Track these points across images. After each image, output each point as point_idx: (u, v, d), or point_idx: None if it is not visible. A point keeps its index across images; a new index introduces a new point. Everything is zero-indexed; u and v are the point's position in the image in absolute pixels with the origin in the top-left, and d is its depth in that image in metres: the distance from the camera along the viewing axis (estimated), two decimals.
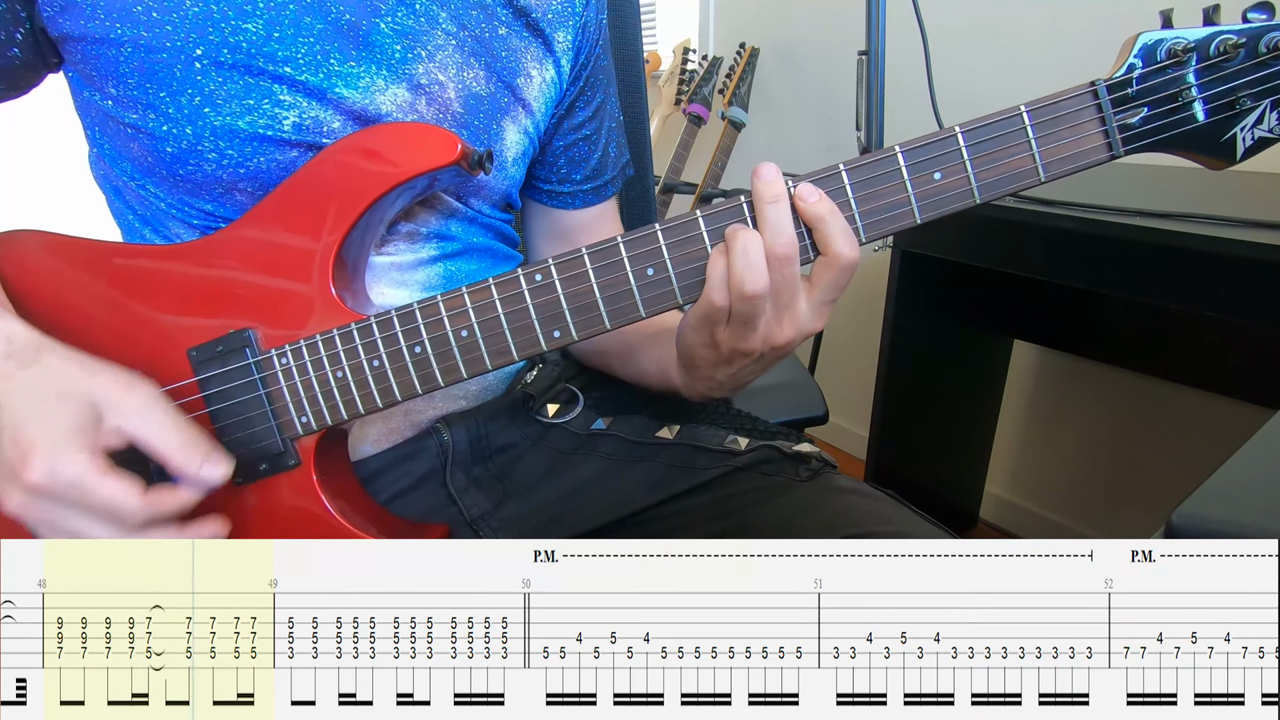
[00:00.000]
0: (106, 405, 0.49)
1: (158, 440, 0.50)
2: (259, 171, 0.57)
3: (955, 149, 0.49)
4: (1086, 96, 0.48)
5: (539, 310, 0.53)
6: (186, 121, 0.55)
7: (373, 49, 0.58)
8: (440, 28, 0.61)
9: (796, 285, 0.50)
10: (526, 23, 0.66)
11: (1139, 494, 1.60)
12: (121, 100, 0.56)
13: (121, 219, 0.65)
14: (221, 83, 0.55)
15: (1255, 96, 0.46)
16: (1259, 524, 0.40)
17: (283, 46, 0.55)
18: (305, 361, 0.55)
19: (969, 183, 0.49)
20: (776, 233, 0.48)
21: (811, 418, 0.93)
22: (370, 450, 0.65)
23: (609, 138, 0.76)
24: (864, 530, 0.58)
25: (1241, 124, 0.47)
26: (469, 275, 0.67)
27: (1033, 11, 1.55)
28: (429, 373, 0.55)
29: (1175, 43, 0.46)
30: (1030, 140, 0.48)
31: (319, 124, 0.57)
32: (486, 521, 0.66)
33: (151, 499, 0.49)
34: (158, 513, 0.49)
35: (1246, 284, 0.90)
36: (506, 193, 0.68)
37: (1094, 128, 0.48)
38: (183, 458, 0.50)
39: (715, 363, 0.55)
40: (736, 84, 2.08)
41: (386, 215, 0.60)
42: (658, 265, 0.52)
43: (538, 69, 0.67)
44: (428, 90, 0.60)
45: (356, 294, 0.59)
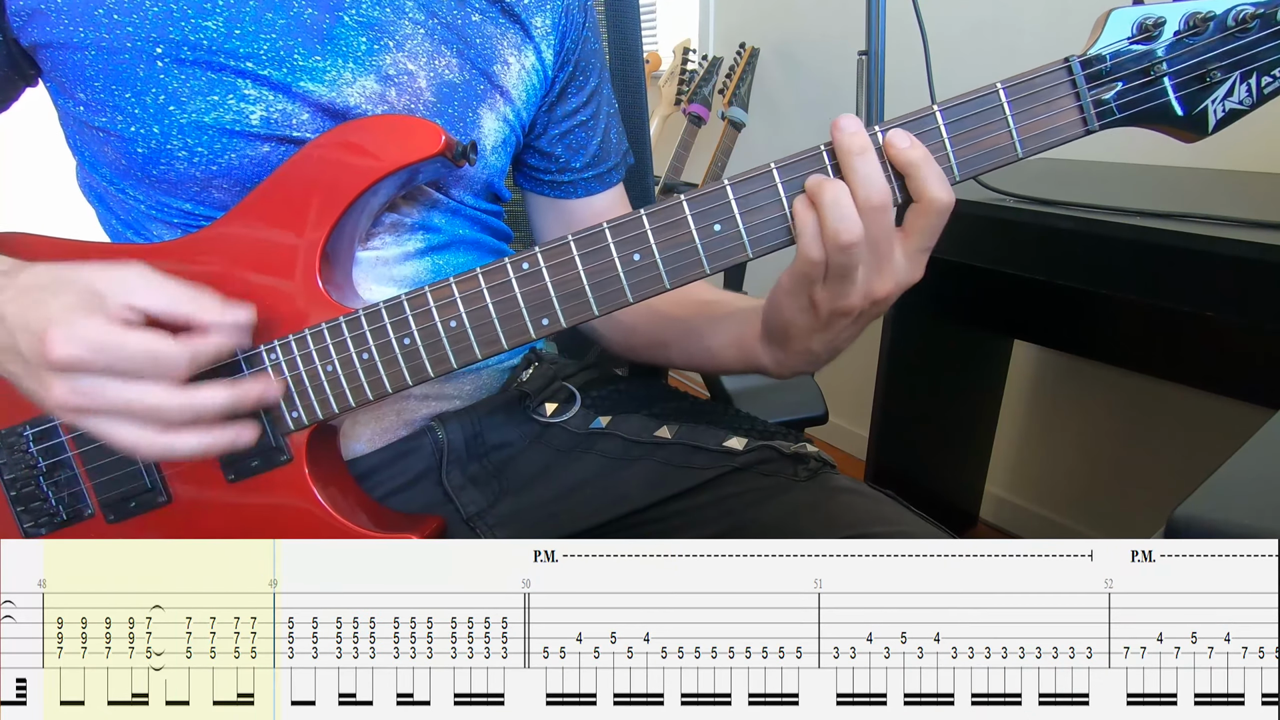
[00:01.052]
0: (106, 285, 0.47)
1: (169, 301, 0.48)
2: (231, 167, 0.57)
3: (934, 127, 0.49)
4: (1061, 73, 0.48)
5: (526, 299, 0.53)
6: (153, 120, 0.55)
7: (336, 42, 0.58)
8: (407, 17, 0.60)
9: (893, 234, 0.49)
10: (502, 8, 0.65)
11: (1139, 494, 1.60)
12: (90, 105, 0.56)
13: (107, 226, 0.65)
14: (184, 80, 0.55)
15: (1225, 69, 0.47)
16: (1259, 524, 0.40)
17: (244, 43, 0.55)
18: (295, 356, 0.55)
19: (949, 160, 0.49)
20: (869, 183, 0.47)
21: (811, 418, 0.93)
22: (364, 449, 0.65)
23: (608, 123, 0.75)
24: (863, 530, 0.57)
25: (1212, 96, 0.47)
26: (457, 269, 0.66)
27: (1032, 11, 1.55)
28: (419, 364, 0.55)
29: (1146, 18, 0.46)
30: (1008, 117, 0.48)
31: (287, 117, 0.57)
32: (483, 519, 0.66)
33: (185, 341, 0.47)
34: (199, 352, 0.48)
35: (1246, 284, 0.90)
36: (489, 182, 0.68)
37: (1069, 103, 0.48)
38: (201, 308, 0.49)
39: (813, 329, 0.53)
40: (736, 84, 2.08)
41: (371, 209, 0.60)
42: (644, 251, 0.51)
43: (515, 55, 0.66)
44: (397, 81, 0.60)
45: (343, 288, 0.59)
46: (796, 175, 0.50)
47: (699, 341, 0.68)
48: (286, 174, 0.56)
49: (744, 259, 0.51)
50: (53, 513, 0.59)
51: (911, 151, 0.48)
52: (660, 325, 0.71)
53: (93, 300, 0.46)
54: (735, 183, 0.50)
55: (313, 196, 0.55)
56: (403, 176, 0.57)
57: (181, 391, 0.48)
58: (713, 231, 0.51)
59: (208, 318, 0.49)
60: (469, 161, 0.58)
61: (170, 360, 0.47)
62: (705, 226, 0.51)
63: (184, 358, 0.47)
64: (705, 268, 0.51)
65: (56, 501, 0.59)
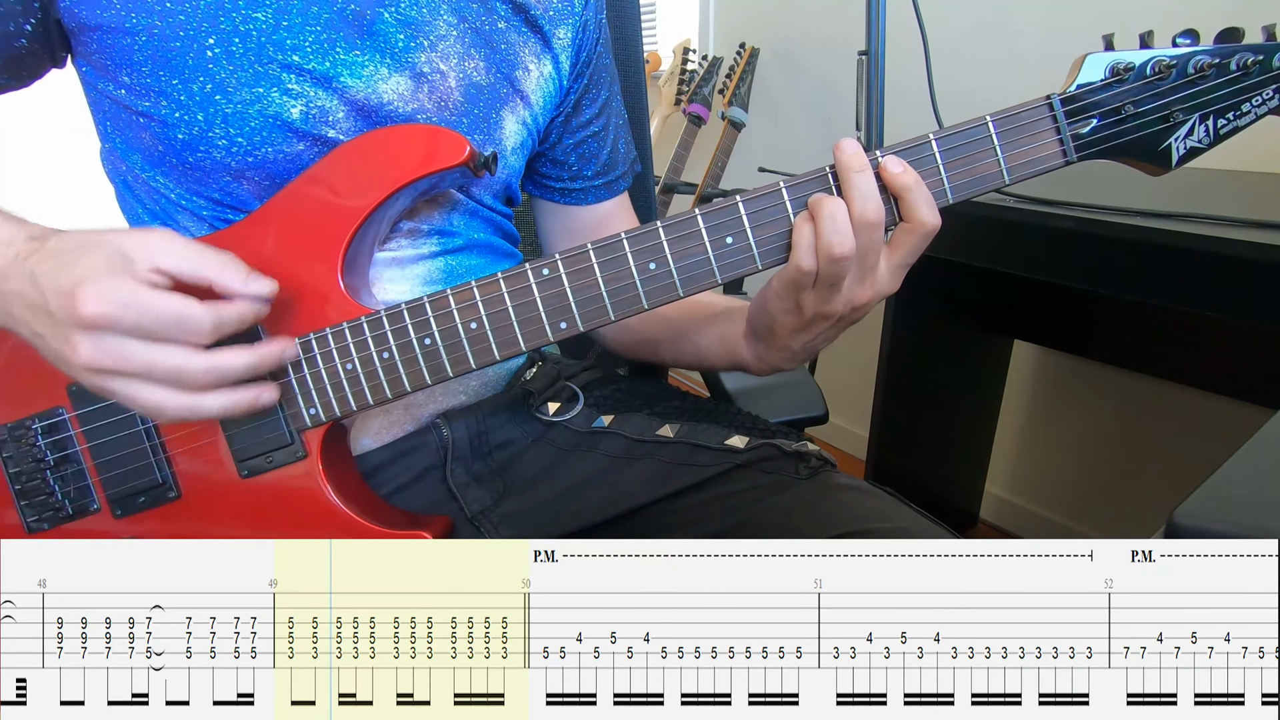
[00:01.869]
0: (133, 249, 0.48)
1: (196, 264, 0.49)
2: (266, 161, 0.58)
3: (930, 154, 0.53)
4: (1043, 109, 0.53)
5: (546, 303, 0.55)
6: (198, 108, 0.56)
7: (377, 38, 0.60)
8: (442, 18, 0.63)
9: (880, 249, 0.53)
10: (525, 19, 0.68)
11: (1139, 494, 1.60)
12: (134, 88, 0.57)
13: (130, 213, 0.66)
14: (232, 71, 0.56)
15: (1186, 111, 0.52)
16: (1259, 524, 0.40)
17: (291, 35, 0.57)
18: (315, 354, 0.56)
19: (942, 184, 0.53)
20: (866, 199, 0.51)
21: (811, 417, 0.93)
22: (371, 444, 0.66)
23: (617, 134, 0.78)
24: (863, 527, 0.58)
25: (1175, 135, 0.53)
26: (469, 270, 0.68)
27: (1032, 11, 1.55)
28: (438, 364, 0.56)
29: (1117, 63, 0.52)
30: (996, 147, 0.53)
31: (325, 114, 0.59)
32: (487, 517, 0.67)
33: (211, 307, 0.48)
34: (223, 317, 0.48)
35: (1246, 284, 0.90)
36: (507, 182, 0.70)
37: (1050, 136, 0.53)
38: (227, 273, 0.49)
39: (795, 329, 0.57)
40: (736, 84, 2.08)
41: (393, 213, 0.61)
42: (659, 260, 0.54)
43: (535, 63, 0.68)
44: (429, 79, 0.62)
45: (362, 289, 0.60)
46: (804, 194, 0.53)
47: (687, 339, 0.71)
48: (315, 175, 0.58)
49: (753, 271, 0.55)
50: (57, 507, 0.59)
51: (904, 176, 0.52)
52: (654, 325, 0.73)
53: (122, 262, 0.47)
54: (747, 199, 0.53)
55: (339, 199, 0.57)
56: (426, 183, 0.59)
57: (205, 355, 0.49)
58: (725, 244, 0.54)
59: (232, 284, 0.50)
60: (490, 171, 0.60)
61: (196, 323, 0.47)
62: (718, 239, 0.54)
63: (209, 322, 0.48)
64: (717, 278, 0.54)
65: (62, 496, 0.59)
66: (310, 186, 0.58)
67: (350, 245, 0.57)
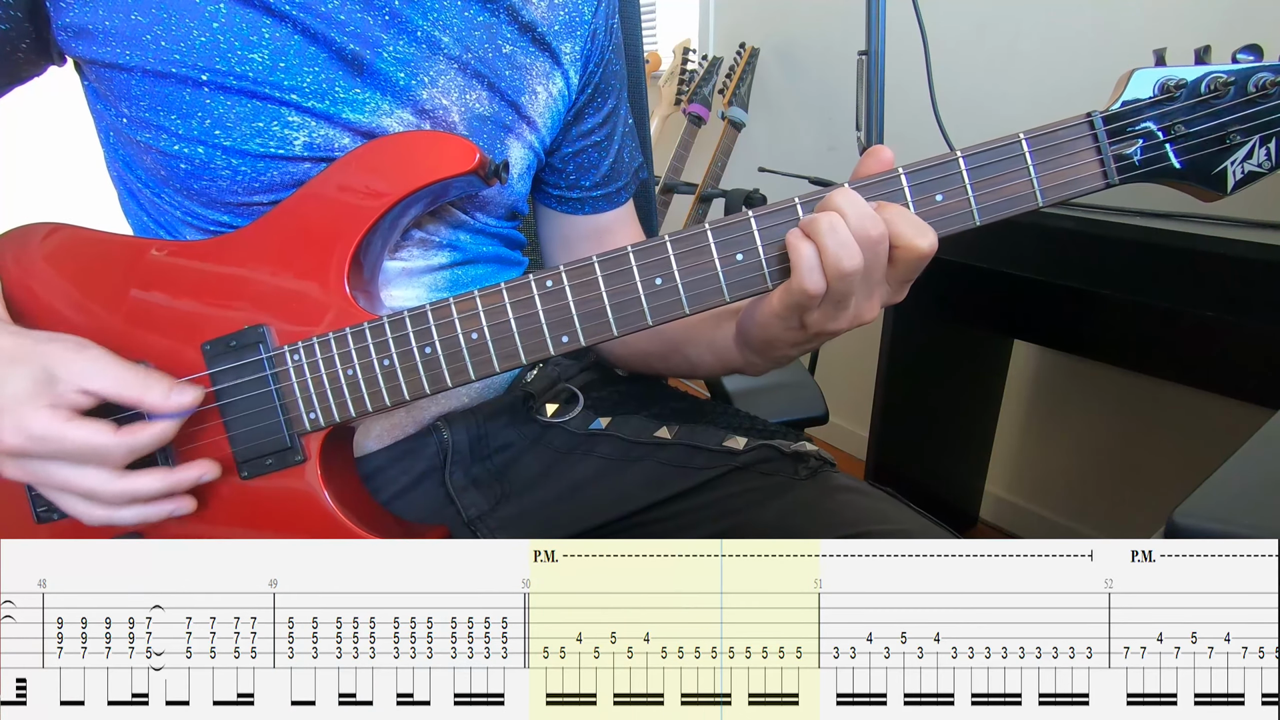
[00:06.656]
0: (58, 366, 0.50)
1: (117, 385, 0.51)
2: (273, 183, 0.58)
3: (956, 172, 0.50)
4: (1083, 127, 0.49)
5: (548, 316, 0.54)
6: (198, 142, 0.56)
7: (376, 77, 0.59)
8: (442, 53, 0.61)
9: (885, 264, 0.50)
10: (533, 38, 0.65)
11: (1139, 494, 1.60)
12: (135, 120, 0.57)
13: (134, 218, 0.65)
14: (230, 106, 0.56)
15: (1245, 132, 0.48)
16: (1259, 524, 0.40)
17: (288, 76, 0.56)
18: (317, 359, 0.56)
19: (969, 205, 0.50)
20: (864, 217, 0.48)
21: (811, 418, 0.93)
22: (374, 446, 0.66)
23: (621, 144, 0.75)
24: (863, 528, 0.58)
25: (1232, 158, 0.49)
26: (476, 279, 0.67)
27: (1032, 12, 1.55)
28: (438, 373, 0.55)
29: (1168, 79, 0.48)
30: (1029, 167, 0.50)
31: (329, 140, 0.58)
32: (484, 522, 0.66)
33: (125, 433, 0.50)
34: (136, 444, 0.51)
35: (1246, 284, 0.90)
36: (513, 206, 0.69)
37: (1090, 156, 0.49)
38: (146, 392, 0.51)
39: (796, 343, 0.56)
40: (736, 84, 2.08)
41: (403, 220, 0.61)
42: (666, 275, 0.52)
43: (544, 85, 0.67)
44: (432, 114, 0.61)
45: (370, 295, 0.60)
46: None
47: (679, 352, 0.70)
48: (325, 180, 0.57)
49: (764, 290, 0.52)
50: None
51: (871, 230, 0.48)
52: (649, 340, 0.72)
53: (46, 383, 0.49)
54: (759, 215, 0.51)
55: (348, 204, 0.57)
56: (435, 190, 0.58)
57: (118, 478, 0.51)
58: (735, 261, 0.52)
59: (153, 401, 0.52)
60: (500, 180, 0.60)
61: (107, 452, 0.50)
62: (728, 255, 0.52)
63: (121, 450, 0.50)
64: (725, 295, 0.52)
65: None
66: (320, 190, 0.57)
67: (357, 250, 0.57)
